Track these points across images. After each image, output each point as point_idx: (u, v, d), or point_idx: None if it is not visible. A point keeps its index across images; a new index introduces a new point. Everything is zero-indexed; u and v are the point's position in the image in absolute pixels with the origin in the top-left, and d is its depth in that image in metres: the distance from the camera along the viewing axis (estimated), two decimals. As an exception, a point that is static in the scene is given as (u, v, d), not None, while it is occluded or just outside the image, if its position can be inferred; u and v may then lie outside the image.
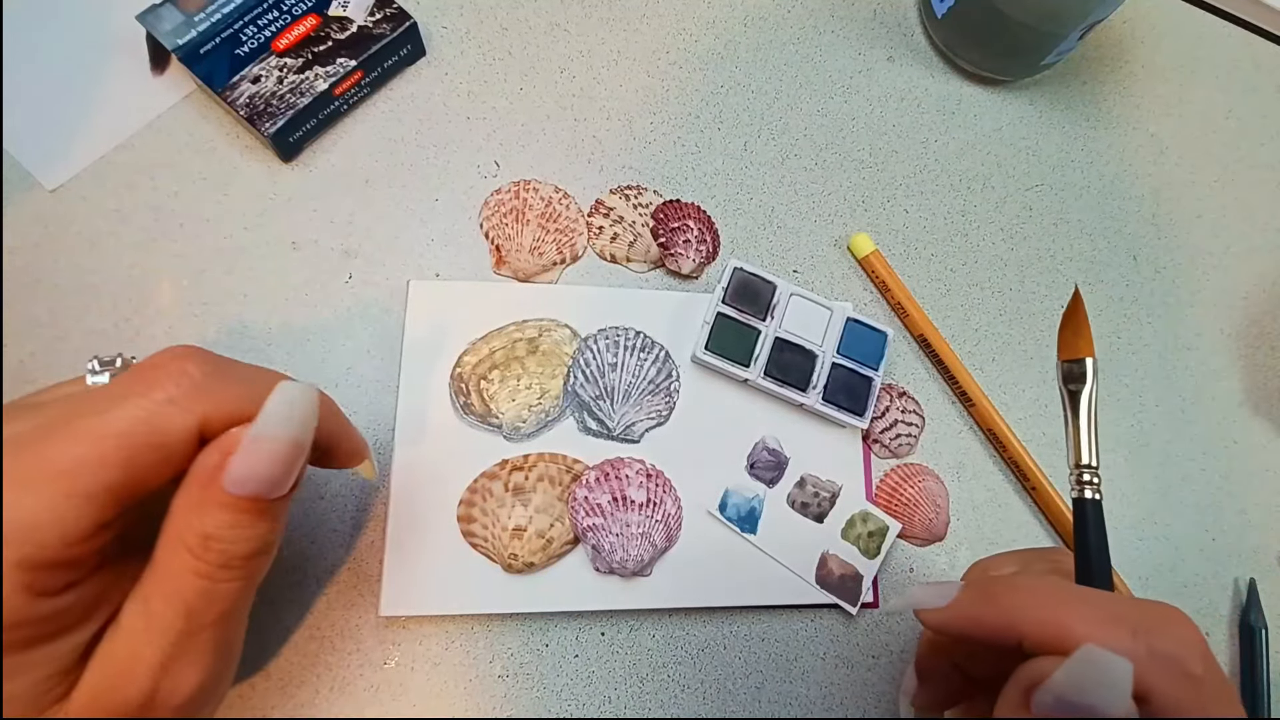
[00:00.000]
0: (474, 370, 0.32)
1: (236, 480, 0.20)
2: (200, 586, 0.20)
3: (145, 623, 0.20)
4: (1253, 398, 0.42)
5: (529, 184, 0.36)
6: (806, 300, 0.35)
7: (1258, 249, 0.45)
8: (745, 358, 0.34)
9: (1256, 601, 0.38)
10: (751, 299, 0.34)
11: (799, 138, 0.40)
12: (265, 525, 0.21)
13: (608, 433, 0.33)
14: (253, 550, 0.21)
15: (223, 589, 0.21)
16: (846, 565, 0.34)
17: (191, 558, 0.20)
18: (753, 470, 0.34)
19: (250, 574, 0.21)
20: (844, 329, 0.35)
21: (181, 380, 0.21)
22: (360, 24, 0.34)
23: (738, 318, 0.34)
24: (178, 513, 0.20)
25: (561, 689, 0.31)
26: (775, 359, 0.34)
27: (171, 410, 0.20)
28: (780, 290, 0.35)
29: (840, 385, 0.34)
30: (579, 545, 0.32)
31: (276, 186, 0.34)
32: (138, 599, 0.21)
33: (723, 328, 0.34)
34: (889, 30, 0.44)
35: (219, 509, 0.20)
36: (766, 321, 0.34)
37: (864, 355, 0.35)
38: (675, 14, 0.41)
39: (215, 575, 0.20)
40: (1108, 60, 0.46)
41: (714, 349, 0.33)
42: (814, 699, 0.33)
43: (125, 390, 0.20)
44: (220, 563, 0.20)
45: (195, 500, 0.20)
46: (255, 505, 0.20)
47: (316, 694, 0.29)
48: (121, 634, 0.20)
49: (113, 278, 0.32)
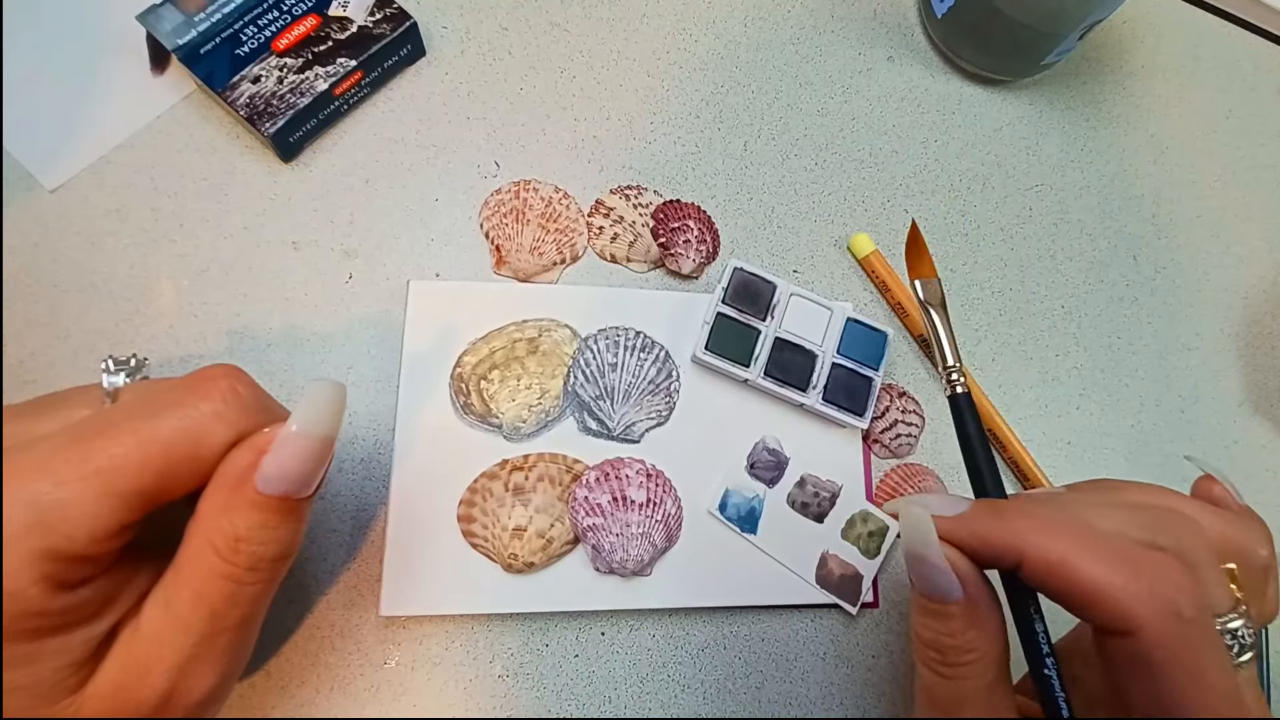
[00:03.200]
0: (474, 370, 0.32)
1: (270, 478, 0.20)
2: (227, 589, 0.21)
3: (168, 624, 0.21)
4: (1253, 398, 0.42)
5: (529, 184, 0.36)
6: (806, 300, 0.35)
7: (1258, 249, 0.45)
8: (745, 358, 0.34)
9: (1256, 601, 0.38)
10: (752, 299, 0.34)
11: (799, 138, 0.40)
12: (293, 525, 0.22)
13: (608, 433, 0.33)
14: (280, 552, 0.21)
15: (247, 591, 0.21)
16: (847, 565, 0.34)
17: (220, 560, 0.20)
18: (753, 470, 0.34)
19: (274, 576, 0.22)
20: (844, 329, 0.35)
21: (230, 397, 0.21)
22: (360, 24, 0.34)
23: (738, 318, 0.34)
24: (206, 515, 0.21)
25: (561, 689, 0.31)
26: (775, 359, 0.34)
27: (216, 424, 0.21)
28: (780, 290, 0.35)
29: (840, 385, 0.34)
30: (579, 545, 0.32)
31: (276, 186, 0.34)
32: (159, 601, 0.21)
33: (723, 328, 0.34)
34: (889, 30, 0.44)
35: (250, 509, 0.20)
36: (766, 321, 0.34)
37: (864, 355, 0.35)
38: (675, 14, 0.41)
39: (242, 578, 0.21)
40: (1108, 60, 0.46)
41: (714, 349, 0.33)
42: (814, 699, 0.33)
43: (177, 399, 0.21)
44: (249, 565, 0.21)
45: (225, 502, 0.21)
46: (284, 504, 0.21)
47: (316, 694, 0.29)
48: (142, 634, 0.21)
49: (113, 278, 0.32)
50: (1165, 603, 0.20)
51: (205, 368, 0.22)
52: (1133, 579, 0.20)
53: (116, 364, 0.24)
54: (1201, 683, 0.20)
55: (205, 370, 0.22)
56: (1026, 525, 0.22)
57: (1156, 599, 0.20)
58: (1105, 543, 0.21)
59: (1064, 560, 0.21)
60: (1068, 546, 0.21)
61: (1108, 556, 0.21)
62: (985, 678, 0.23)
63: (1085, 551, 0.21)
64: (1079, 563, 0.21)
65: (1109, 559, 0.21)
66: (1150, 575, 0.20)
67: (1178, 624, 0.20)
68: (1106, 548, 0.21)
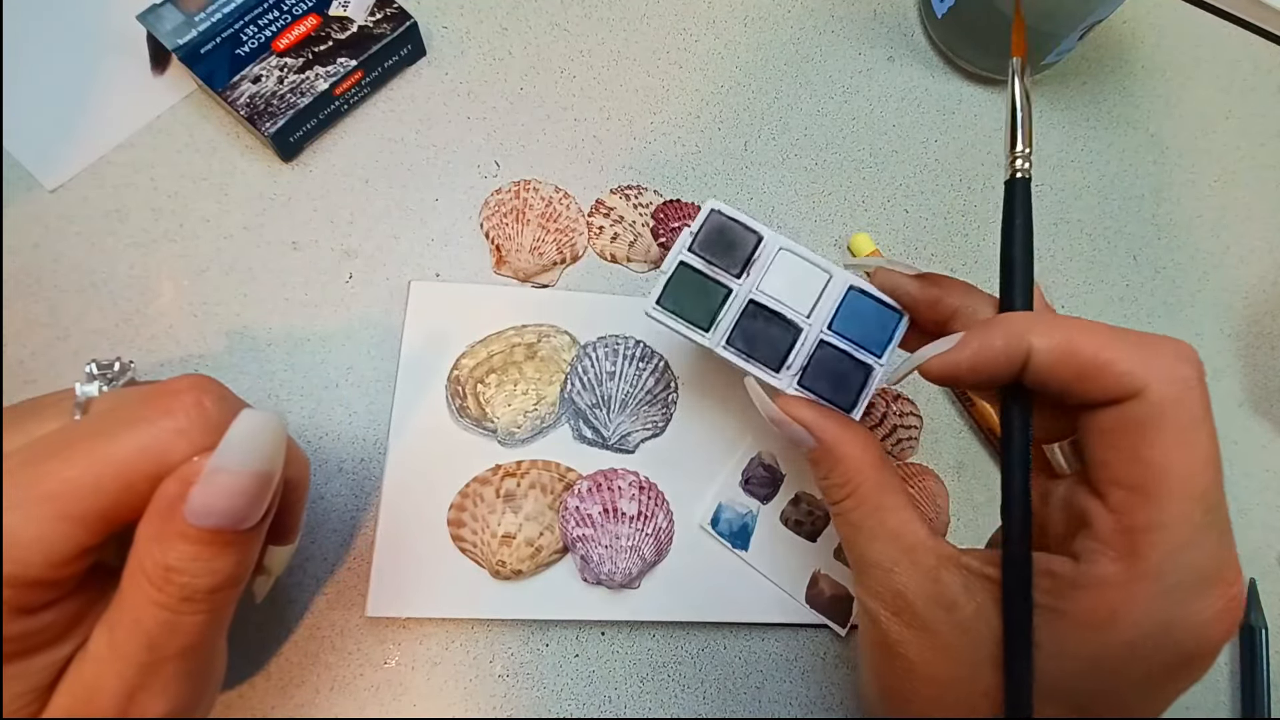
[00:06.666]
0: (471, 373, 0.32)
1: (197, 513, 0.19)
2: (162, 618, 0.20)
3: (110, 651, 0.20)
4: (1253, 398, 0.42)
5: (529, 184, 0.36)
6: (799, 259, 0.27)
7: (1258, 249, 0.45)
8: (706, 320, 0.26)
9: (1256, 601, 0.38)
10: (725, 249, 0.27)
11: (799, 138, 0.40)
12: (231, 558, 0.20)
13: (603, 442, 0.33)
14: (217, 584, 0.20)
15: (187, 621, 0.20)
16: (838, 585, 0.33)
17: (153, 589, 0.19)
18: (747, 485, 0.34)
19: (216, 606, 0.21)
20: (843, 299, 0.27)
21: (195, 412, 0.20)
22: (360, 24, 0.34)
23: (705, 270, 0.27)
24: (140, 542, 0.20)
25: (561, 689, 0.31)
26: (744, 327, 0.26)
27: (179, 441, 0.20)
28: (766, 243, 0.27)
29: (825, 369, 0.26)
30: (568, 555, 0.32)
31: (276, 186, 0.34)
32: (104, 626, 0.20)
33: (684, 281, 0.27)
34: (889, 30, 0.44)
35: (180, 540, 0.19)
36: (741, 278, 0.27)
37: (864, 337, 0.26)
38: (675, 14, 0.41)
39: (178, 608, 0.20)
40: (1108, 60, 0.46)
41: (668, 305, 0.27)
42: (814, 699, 0.33)
43: (140, 415, 0.20)
44: (182, 595, 0.20)
45: (156, 531, 0.19)
46: (219, 538, 0.20)
47: (316, 694, 0.29)
48: (88, 660, 0.20)
49: (113, 278, 0.32)
50: (1170, 368, 0.21)
51: (172, 380, 0.21)
52: (1138, 347, 0.21)
53: (99, 369, 0.23)
54: (1190, 445, 0.20)
55: (171, 383, 0.21)
56: (1027, 323, 0.23)
57: (1163, 363, 0.21)
58: (1106, 326, 0.22)
59: (1070, 339, 0.21)
60: (1071, 328, 0.22)
61: (1112, 332, 0.22)
62: (872, 495, 0.25)
63: (1090, 331, 0.22)
64: (1086, 340, 0.21)
65: (1114, 334, 0.22)
66: (1154, 345, 0.21)
67: (1182, 387, 0.21)
68: (1108, 328, 0.22)
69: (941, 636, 0.23)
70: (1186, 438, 0.20)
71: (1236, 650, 0.38)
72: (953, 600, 0.23)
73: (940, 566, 0.24)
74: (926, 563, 0.24)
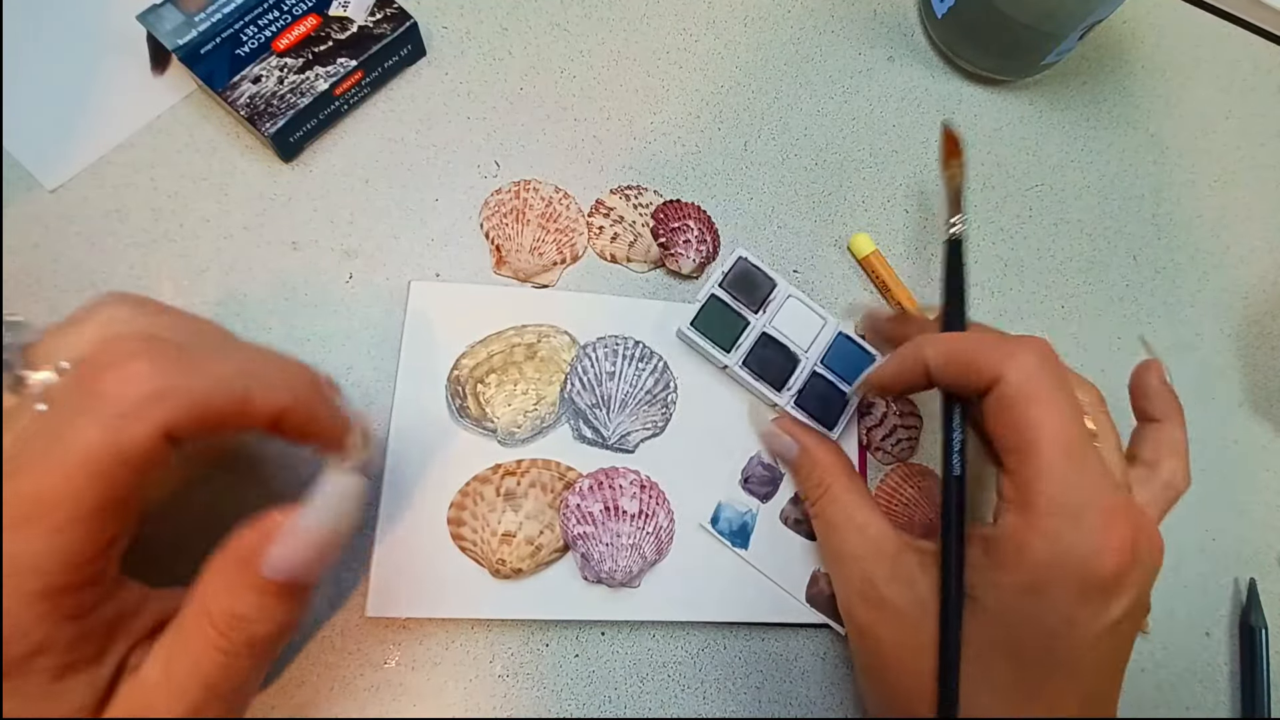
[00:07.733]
0: (471, 373, 0.32)
1: (276, 568, 0.20)
2: (222, 662, 0.20)
3: (165, 681, 0.20)
4: (1253, 398, 0.42)
5: (529, 184, 0.36)
6: (803, 305, 0.35)
7: (1258, 249, 0.45)
8: (728, 344, 0.34)
9: (1256, 601, 0.38)
10: (748, 289, 0.34)
11: (799, 138, 0.40)
12: (295, 608, 0.21)
13: (603, 441, 0.33)
14: (279, 632, 0.21)
15: (243, 665, 0.21)
16: None
17: (216, 634, 0.20)
18: (747, 485, 0.34)
19: (271, 654, 0.22)
20: (833, 341, 0.34)
21: (128, 389, 0.19)
22: (360, 24, 0.34)
23: (730, 304, 0.34)
24: (209, 586, 0.21)
25: (562, 689, 0.31)
26: (757, 353, 0.34)
27: (128, 425, 0.19)
28: (779, 289, 0.35)
29: (816, 394, 0.34)
30: (568, 553, 0.32)
31: (276, 186, 0.34)
32: (160, 655, 0.21)
33: (713, 310, 0.34)
34: (889, 30, 0.44)
35: (251, 591, 0.20)
36: (758, 315, 0.34)
37: (846, 371, 0.34)
38: (675, 14, 0.41)
39: (239, 653, 0.21)
40: (1108, 60, 0.46)
41: (700, 328, 0.33)
42: (814, 698, 0.33)
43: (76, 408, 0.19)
44: (245, 642, 0.21)
45: (230, 580, 0.20)
46: (288, 589, 0.21)
47: (316, 694, 0.29)
48: (141, 685, 0.21)
49: (113, 278, 0.32)
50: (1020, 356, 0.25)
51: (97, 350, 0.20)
52: (996, 346, 0.26)
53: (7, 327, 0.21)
54: (1049, 409, 0.25)
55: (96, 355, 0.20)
56: (923, 341, 0.28)
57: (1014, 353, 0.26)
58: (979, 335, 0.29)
59: (950, 349, 0.27)
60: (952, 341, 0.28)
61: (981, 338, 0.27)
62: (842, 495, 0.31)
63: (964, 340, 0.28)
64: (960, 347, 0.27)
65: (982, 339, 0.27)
66: (1009, 342, 0.26)
67: (1033, 368, 0.25)
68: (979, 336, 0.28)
69: (902, 610, 0.28)
70: (1045, 405, 0.25)
71: (1236, 650, 0.38)
72: (911, 577, 0.28)
73: (900, 552, 0.29)
74: (889, 550, 0.29)
